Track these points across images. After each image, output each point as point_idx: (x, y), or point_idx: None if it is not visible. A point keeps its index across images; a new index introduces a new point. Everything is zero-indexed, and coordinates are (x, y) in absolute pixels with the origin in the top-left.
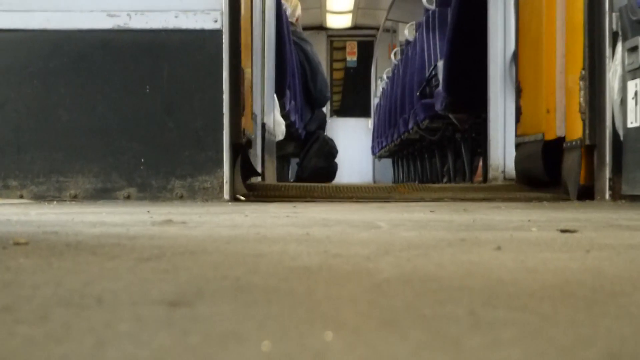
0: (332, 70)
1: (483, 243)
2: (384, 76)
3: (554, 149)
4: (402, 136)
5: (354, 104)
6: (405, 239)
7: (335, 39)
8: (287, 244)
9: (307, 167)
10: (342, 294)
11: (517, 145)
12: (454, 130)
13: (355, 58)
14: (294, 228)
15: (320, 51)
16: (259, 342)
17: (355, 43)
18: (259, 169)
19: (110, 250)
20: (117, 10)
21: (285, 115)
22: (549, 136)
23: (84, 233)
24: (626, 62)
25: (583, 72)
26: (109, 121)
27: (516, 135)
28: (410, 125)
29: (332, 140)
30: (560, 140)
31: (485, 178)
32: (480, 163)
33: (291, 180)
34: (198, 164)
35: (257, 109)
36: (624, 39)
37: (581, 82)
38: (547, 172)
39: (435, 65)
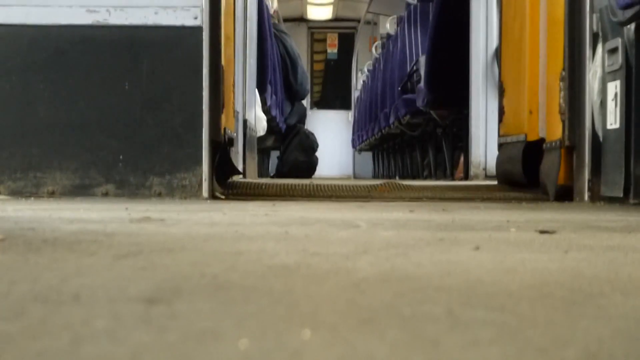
0: (312, 62)
1: (462, 243)
2: (365, 69)
3: (536, 150)
4: (383, 130)
5: (334, 96)
6: (384, 238)
7: (316, 30)
8: (266, 242)
9: (287, 161)
10: (320, 293)
11: (500, 145)
12: (435, 126)
13: (336, 50)
14: (273, 226)
15: (300, 43)
16: (237, 340)
17: (336, 35)
18: (240, 167)
19: (88, 246)
20: (96, 6)
21: (266, 110)
22: (532, 137)
23: (61, 229)
24: (606, 64)
25: (563, 73)
26: (88, 117)
27: (499, 136)
28: (391, 120)
29: (312, 134)
30: (543, 141)
31: (466, 175)
32: (462, 158)
33: (271, 175)
34: (177, 162)
35: (238, 106)
36: (604, 40)
37: (561, 83)
38: (527, 174)
39: (417, 60)
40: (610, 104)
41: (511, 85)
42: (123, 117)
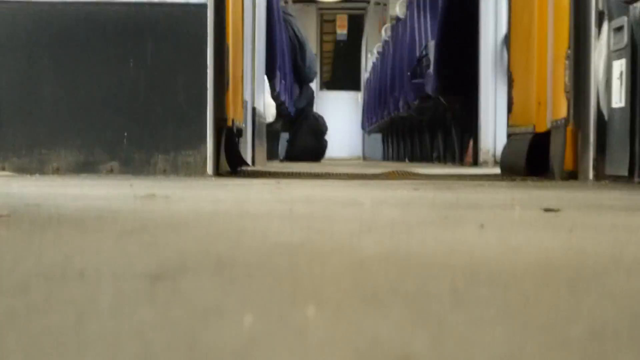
0: (322, 42)
1: (466, 221)
2: (375, 51)
3: (545, 141)
4: (392, 114)
5: (343, 77)
6: (389, 217)
7: (326, 11)
8: (271, 220)
9: (297, 145)
10: (324, 271)
11: (509, 135)
12: (444, 110)
13: (345, 31)
14: (278, 204)
15: (310, 24)
16: (241, 317)
17: (346, 16)
18: (249, 157)
19: (93, 223)
20: None
21: (275, 96)
22: (540, 128)
23: (66, 206)
24: (611, 42)
25: (568, 52)
26: (93, 95)
27: (508, 126)
28: (400, 105)
29: (321, 118)
30: (551, 130)
31: (475, 160)
32: (471, 143)
33: (281, 158)
34: (181, 139)
35: (247, 95)
36: (610, 19)
37: (566, 62)
38: (533, 167)
39: (426, 45)
40: (616, 83)
41: (520, 76)
42: (128, 95)
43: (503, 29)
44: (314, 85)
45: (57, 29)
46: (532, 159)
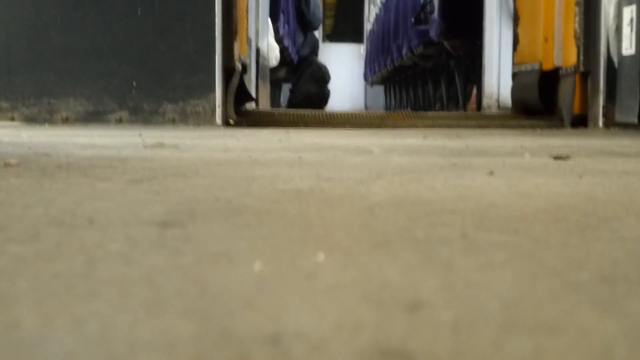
0: None
1: (476, 168)
2: (378, 1)
3: (551, 78)
4: (395, 62)
5: (346, 28)
6: (398, 164)
7: None
8: (279, 167)
9: (299, 92)
10: (334, 217)
11: (514, 75)
12: (448, 58)
13: None
14: (286, 152)
15: None
16: (251, 262)
17: None
18: (254, 94)
19: (102, 172)
20: None
21: (278, 39)
22: (547, 65)
23: (75, 155)
24: None
25: None
26: (101, 44)
27: (513, 64)
28: (404, 51)
29: (324, 66)
30: (558, 69)
31: (479, 106)
32: (474, 91)
33: (283, 106)
34: (190, 88)
35: (251, 34)
36: None
37: (576, 8)
38: (543, 101)
39: None
40: (626, 29)
41: (526, 12)
42: (136, 43)
43: None
44: (317, 35)
45: None
46: (542, 95)
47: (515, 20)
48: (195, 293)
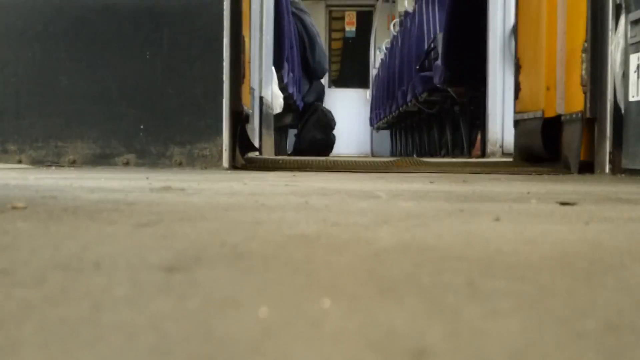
0: (330, 40)
1: (482, 214)
2: (383, 47)
3: (553, 126)
4: (401, 108)
5: (352, 74)
6: (404, 209)
7: (334, 8)
8: (286, 212)
9: (305, 138)
10: (340, 262)
11: (516, 122)
12: (452, 104)
13: (354, 28)
14: (293, 196)
15: (318, 21)
16: (257, 308)
17: (354, 13)
18: (257, 144)
19: (109, 215)
20: None
21: (283, 87)
22: (549, 113)
23: (82, 198)
24: (629, 35)
25: (585, 45)
26: (109, 87)
27: (515, 112)
28: (408, 98)
29: (330, 112)
30: (560, 117)
31: (483, 152)
32: (479, 136)
33: (289, 152)
34: (197, 131)
35: (254, 83)
36: (627, 12)
37: (583, 55)
38: (547, 149)
39: (435, 38)
40: (633, 76)
41: (528, 61)
42: (144, 86)
43: (511, 19)
44: (323, 81)
45: (74, 20)
46: (545, 142)
47: (517, 68)
48: (201, 339)
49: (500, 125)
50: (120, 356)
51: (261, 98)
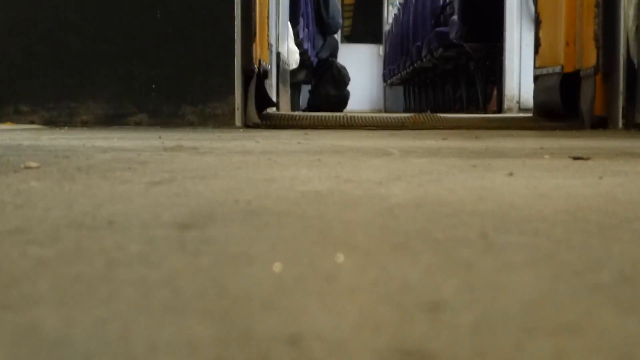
0: None
1: (495, 169)
2: (396, 2)
3: (573, 81)
4: (415, 64)
5: (365, 30)
6: (417, 165)
7: None
8: (299, 169)
9: (319, 95)
10: (353, 218)
11: (536, 78)
12: (468, 59)
13: None
14: (305, 154)
15: None
16: (270, 263)
17: None
18: (275, 99)
19: (121, 174)
20: None
21: (299, 43)
22: (568, 68)
23: (95, 158)
24: None
25: (597, 0)
26: (120, 47)
27: (535, 67)
28: (423, 54)
29: (344, 68)
30: (580, 71)
31: (499, 108)
32: (495, 92)
33: (303, 109)
34: (209, 91)
35: (272, 39)
36: None
37: (595, 10)
38: (565, 105)
39: None
40: None
41: (548, 16)
42: (155, 46)
43: None
44: (337, 37)
45: None
46: (564, 98)
47: (537, 23)
48: (215, 295)
49: (517, 81)
50: (135, 312)
51: (278, 54)
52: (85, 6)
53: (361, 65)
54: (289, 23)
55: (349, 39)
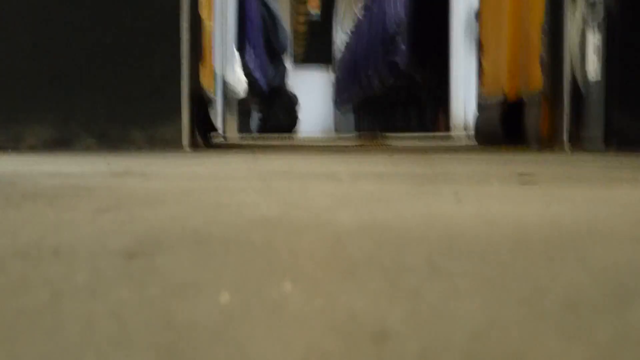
0: (295, 23)
1: (443, 195)
2: (347, 30)
3: (516, 109)
4: (366, 91)
5: (316, 55)
6: (366, 191)
7: None
8: (247, 195)
9: (270, 122)
10: (301, 245)
11: (479, 105)
12: (417, 86)
13: (318, 11)
14: (254, 180)
15: (284, 6)
16: (218, 292)
17: None
18: (220, 125)
19: (68, 201)
20: None
21: (248, 73)
22: (511, 96)
23: (41, 184)
24: (587, 16)
25: (544, 25)
26: (67, 69)
27: (478, 96)
28: (374, 83)
29: (295, 96)
30: (523, 101)
31: (448, 131)
32: (442, 116)
33: (254, 133)
34: (158, 114)
35: (217, 67)
36: None
37: (542, 35)
38: (508, 133)
39: (399, 23)
40: (592, 57)
41: (491, 44)
42: (103, 69)
43: (475, 3)
44: (287, 62)
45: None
46: (506, 127)
47: (480, 51)
48: (161, 327)
49: (463, 104)
50: (81, 347)
51: (224, 82)
52: (32, 28)
53: (312, 88)
54: (236, 52)
55: (301, 63)
